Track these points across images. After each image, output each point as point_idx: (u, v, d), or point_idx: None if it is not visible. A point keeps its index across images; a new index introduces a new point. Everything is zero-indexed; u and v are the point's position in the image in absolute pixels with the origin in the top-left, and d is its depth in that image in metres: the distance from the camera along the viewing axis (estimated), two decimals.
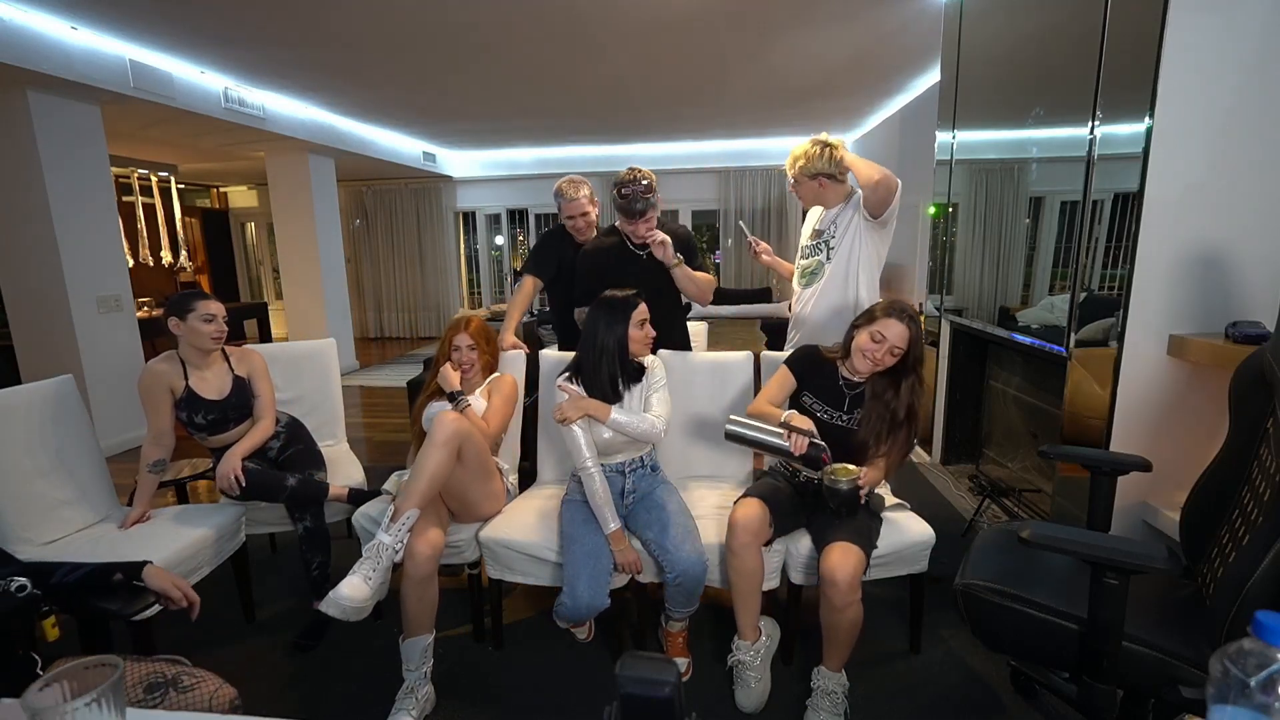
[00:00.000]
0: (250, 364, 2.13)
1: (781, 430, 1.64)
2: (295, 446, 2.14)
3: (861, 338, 1.71)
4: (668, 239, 2.11)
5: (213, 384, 2.02)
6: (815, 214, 2.33)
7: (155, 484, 2.00)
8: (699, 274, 2.21)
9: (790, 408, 1.82)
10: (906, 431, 1.73)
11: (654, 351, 2.04)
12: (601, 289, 1.95)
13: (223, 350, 2.08)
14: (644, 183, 2.07)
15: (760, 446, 1.68)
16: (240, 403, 2.06)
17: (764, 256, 2.47)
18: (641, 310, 1.84)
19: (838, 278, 2.19)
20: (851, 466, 1.60)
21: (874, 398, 1.73)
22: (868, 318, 1.73)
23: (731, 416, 1.72)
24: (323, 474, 2.12)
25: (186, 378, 1.98)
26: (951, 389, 3.16)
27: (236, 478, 1.90)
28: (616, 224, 2.26)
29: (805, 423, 1.67)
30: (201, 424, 2.00)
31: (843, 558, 1.54)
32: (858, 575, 1.54)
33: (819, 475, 1.61)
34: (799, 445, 1.60)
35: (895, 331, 1.66)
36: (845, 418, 1.77)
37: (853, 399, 1.77)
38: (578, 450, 1.78)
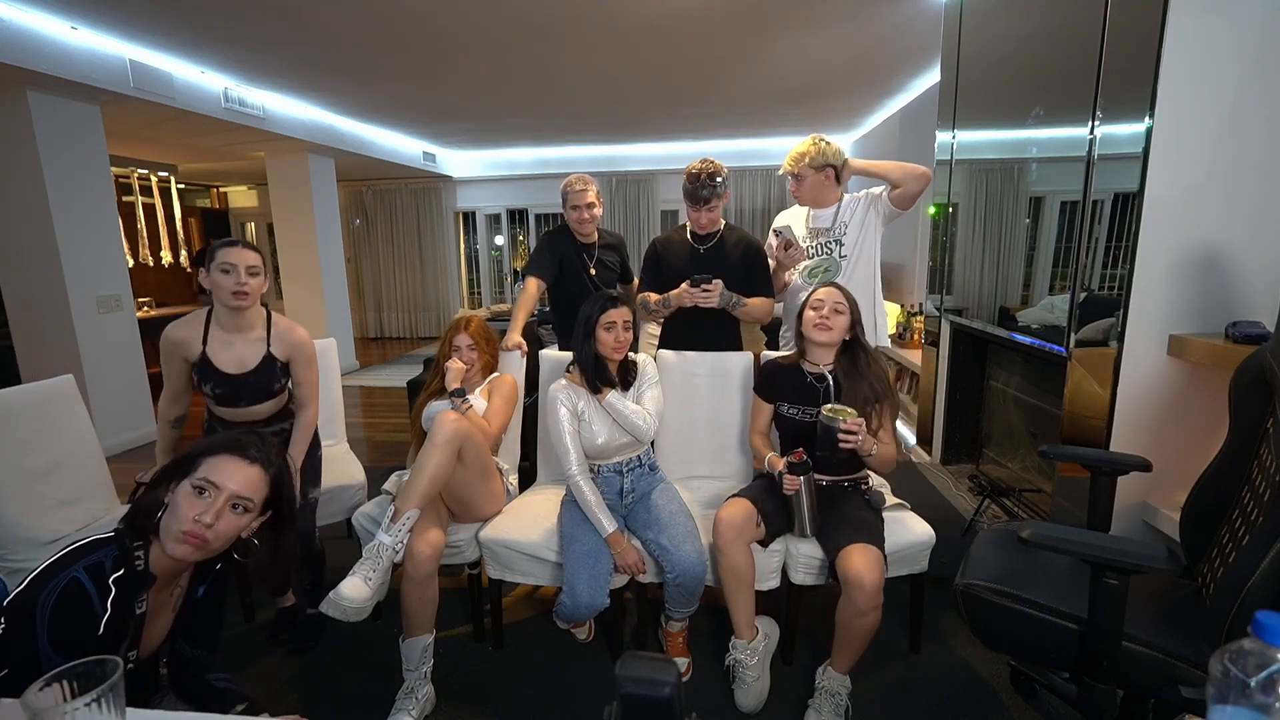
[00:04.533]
0: (293, 346, 1.85)
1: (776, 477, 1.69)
2: None
3: (806, 316, 1.81)
4: (715, 293, 2.10)
5: (236, 355, 1.76)
6: (802, 214, 2.36)
7: (177, 440, 1.85)
8: (754, 302, 2.21)
9: (773, 422, 1.91)
10: (888, 393, 1.76)
11: (699, 349, 2.18)
12: (658, 279, 2.16)
13: (269, 320, 1.83)
14: (710, 172, 2.14)
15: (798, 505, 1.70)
16: (259, 385, 1.80)
17: (795, 263, 2.29)
18: (609, 315, 1.80)
19: (861, 271, 2.25)
20: (851, 410, 1.62)
21: (847, 377, 1.76)
22: (801, 307, 1.85)
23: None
24: (316, 491, 1.96)
25: (206, 342, 1.74)
26: (951, 389, 3.16)
27: None
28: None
29: (776, 462, 1.70)
30: (209, 395, 1.78)
31: (868, 560, 1.53)
32: (883, 578, 1.54)
33: (820, 417, 1.63)
34: (791, 484, 1.64)
35: (825, 293, 1.79)
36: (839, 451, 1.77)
37: (824, 392, 1.79)
38: (565, 458, 1.79)
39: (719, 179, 2.15)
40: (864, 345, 1.81)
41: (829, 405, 1.64)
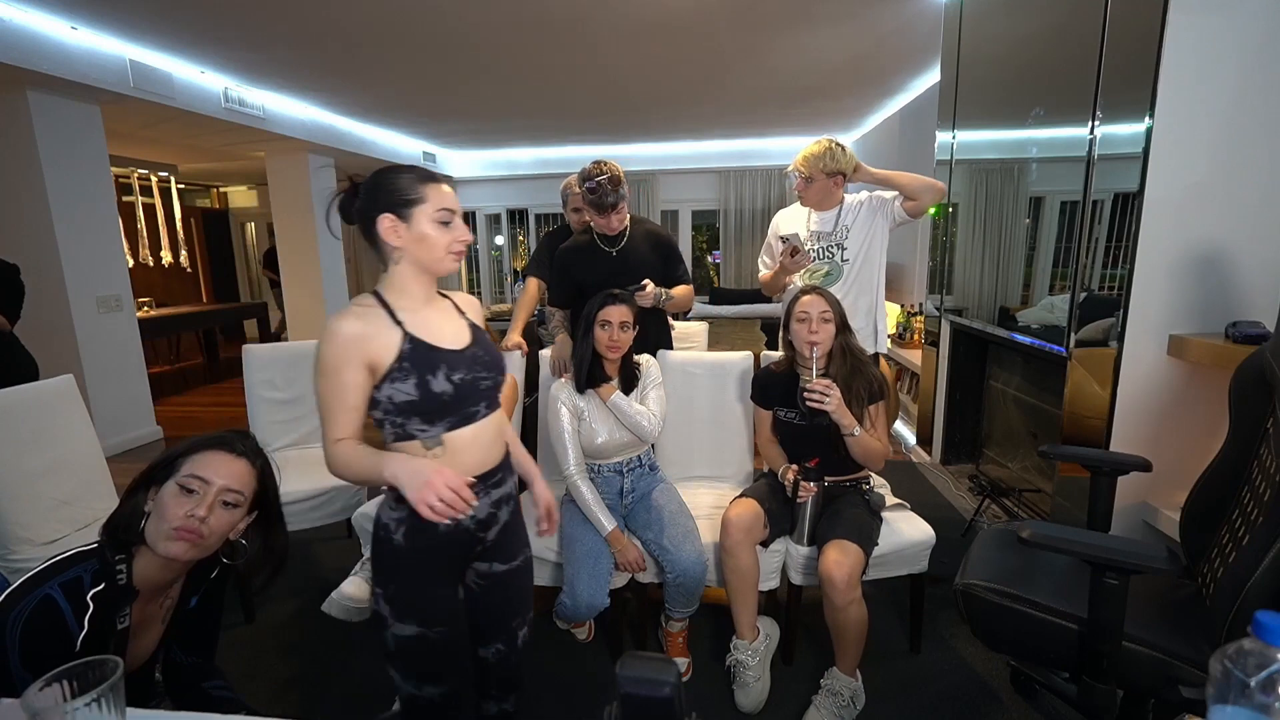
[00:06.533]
0: (479, 315, 1.27)
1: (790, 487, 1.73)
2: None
3: (795, 330, 1.78)
4: (649, 291, 2.03)
5: (440, 331, 1.14)
6: (801, 216, 2.34)
7: None
8: (679, 292, 2.16)
9: (771, 428, 1.92)
10: (881, 393, 1.77)
11: (635, 350, 2.05)
12: (574, 287, 2.02)
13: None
14: (609, 176, 2.03)
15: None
16: (490, 359, 1.18)
17: (800, 269, 2.26)
18: (605, 313, 1.78)
19: (864, 276, 2.25)
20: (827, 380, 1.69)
21: (839, 379, 1.75)
22: (786, 314, 1.83)
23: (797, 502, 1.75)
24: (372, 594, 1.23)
25: (401, 324, 1.09)
26: (951, 389, 3.16)
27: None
28: (589, 220, 2.25)
29: (788, 472, 1.75)
30: (443, 397, 1.08)
31: (840, 556, 1.55)
32: (856, 573, 1.54)
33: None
34: (806, 490, 1.68)
35: (809, 301, 1.76)
36: (820, 416, 1.77)
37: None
38: (564, 458, 1.78)
39: (620, 187, 2.05)
40: (850, 347, 1.80)
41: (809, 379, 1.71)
